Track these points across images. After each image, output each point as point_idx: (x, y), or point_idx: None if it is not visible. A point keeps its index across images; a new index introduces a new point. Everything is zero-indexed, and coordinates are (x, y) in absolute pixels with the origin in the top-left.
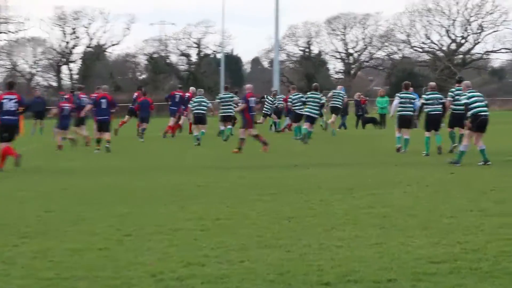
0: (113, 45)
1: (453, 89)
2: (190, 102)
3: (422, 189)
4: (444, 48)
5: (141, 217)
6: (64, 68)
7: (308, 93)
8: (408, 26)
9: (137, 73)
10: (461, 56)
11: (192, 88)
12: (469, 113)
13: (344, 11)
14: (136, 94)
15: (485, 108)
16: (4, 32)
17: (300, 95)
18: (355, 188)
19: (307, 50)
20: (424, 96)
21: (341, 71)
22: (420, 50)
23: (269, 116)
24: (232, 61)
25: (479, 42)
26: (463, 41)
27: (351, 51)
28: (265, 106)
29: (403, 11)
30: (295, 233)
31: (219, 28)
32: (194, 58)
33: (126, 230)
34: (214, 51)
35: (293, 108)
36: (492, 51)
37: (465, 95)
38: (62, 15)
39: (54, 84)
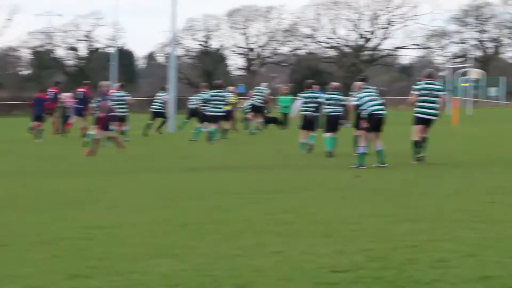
0: None
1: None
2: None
3: (326, 193)
4: (351, 43)
5: (20, 226)
6: None
7: (212, 91)
8: (313, 20)
9: (19, 68)
10: (369, 52)
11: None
12: (364, 112)
13: (245, 4)
14: (54, 90)
15: (380, 107)
16: None
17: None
18: (255, 193)
19: (206, 44)
20: (324, 95)
21: (242, 67)
22: (326, 45)
23: (161, 116)
24: (125, 56)
25: (387, 38)
26: (371, 36)
27: (253, 46)
28: (156, 104)
29: (308, 4)
30: (190, 242)
31: (110, 21)
32: (83, 52)
33: (2, 240)
34: (105, 45)
35: (203, 108)
36: (401, 47)
37: (355, 96)
38: None
39: None
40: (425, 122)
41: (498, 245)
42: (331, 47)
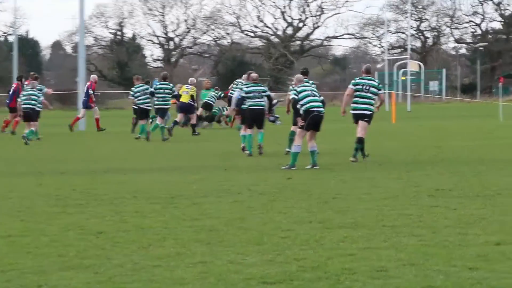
0: None
1: (238, 81)
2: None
3: (255, 197)
4: (280, 32)
5: None
6: None
7: (157, 83)
8: (237, 7)
9: None
10: (298, 42)
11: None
12: (302, 109)
13: None
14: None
15: (318, 104)
16: None
17: (145, 87)
18: (177, 197)
19: (119, 33)
20: (244, 89)
21: (160, 58)
22: (252, 35)
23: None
24: (28, 45)
25: (319, 26)
26: (301, 24)
27: (171, 35)
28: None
29: None
30: (105, 251)
31: (10, 5)
32: None
33: None
34: (4, 33)
35: (137, 102)
36: (333, 37)
37: (295, 90)
38: None
39: None
40: (358, 118)
41: (440, 253)
42: (258, 37)
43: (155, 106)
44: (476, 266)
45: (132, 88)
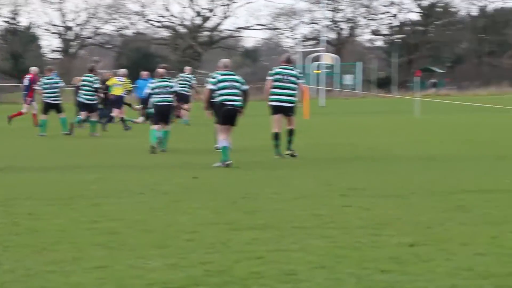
0: None
1: (212, 74)
2: None
3: (158, 197)
4: (187, 22)
5: None
6: None
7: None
8: None
9: None
10: (207, 33)
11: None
12: (216, 101)
13: None
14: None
15: (233, 97)
16: None
17: (54, 80)
18: (74, 198)
19: (12, 21)
20: (150, 85)
21: (58, 49)
22: (158, 24)
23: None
24: None
25: (229, 16)
26: (209, 14)
27: (70, 24)
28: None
29: None
30: None
31: None
32: None
33: None
34: None
35: (44, 95)
36: (244, 28)
37: (214, 78)
38: None
39: None
40: (281, 111)
41: (352, 255)
42: (164, 27)
43: (81, 100)
44: (389, 269)
45: (42, 79)
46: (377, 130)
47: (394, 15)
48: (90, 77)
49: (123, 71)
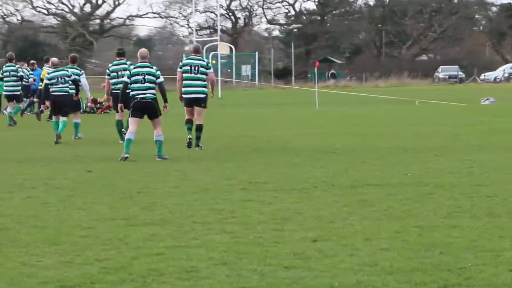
0: None
1: (110, 65)
2: None
3: (52, 192)
4: (77, 10)
5: None
6: None
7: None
8: None
9: None
10: (98, 21)
11: None
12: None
13: None
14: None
15: (143, 91)
16: None
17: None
18: None
19: None
20: (47, 75)
21: None
22: (45, 12)
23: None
24: None
25: (120, 4)
26: (100, 1)
27: None
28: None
29: None
30: None
31: None
32: None
33: None
34: None
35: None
36: (136, 16)
37: (128, 71)
38: None
39: None
40: (191, 103)
41: (254, 251)
42: (52, 14)
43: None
44: (292, 265)
45: None
46: (277, 122)
47: (291, 4)
48: (13, 66)
49: (54, 60)
